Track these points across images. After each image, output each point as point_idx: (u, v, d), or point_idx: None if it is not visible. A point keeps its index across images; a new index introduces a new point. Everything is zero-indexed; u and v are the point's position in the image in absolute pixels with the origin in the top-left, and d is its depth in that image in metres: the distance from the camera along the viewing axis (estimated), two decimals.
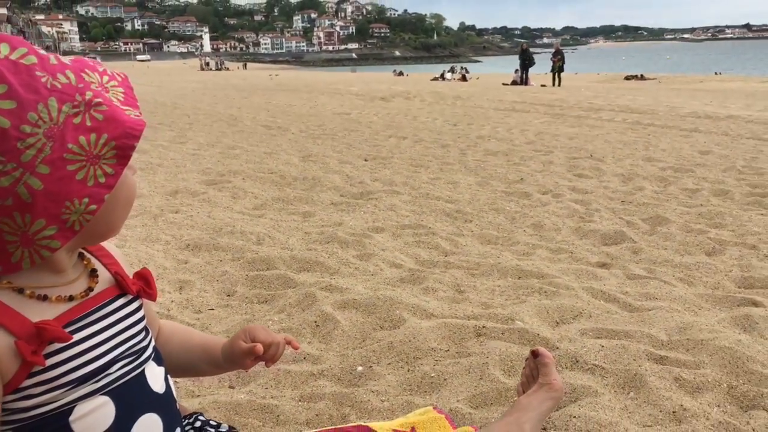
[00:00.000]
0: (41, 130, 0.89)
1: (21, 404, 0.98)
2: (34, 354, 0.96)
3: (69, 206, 0.93)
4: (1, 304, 0.97)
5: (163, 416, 1.11)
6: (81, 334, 1.02)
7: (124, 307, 1.10)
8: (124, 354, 1.07)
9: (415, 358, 2.36)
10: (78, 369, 1.00)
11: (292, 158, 7.11)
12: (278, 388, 2.18)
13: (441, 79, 33.70)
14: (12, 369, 0.96)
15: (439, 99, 16.26)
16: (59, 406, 1.00)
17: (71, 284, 1.05)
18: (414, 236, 4.07)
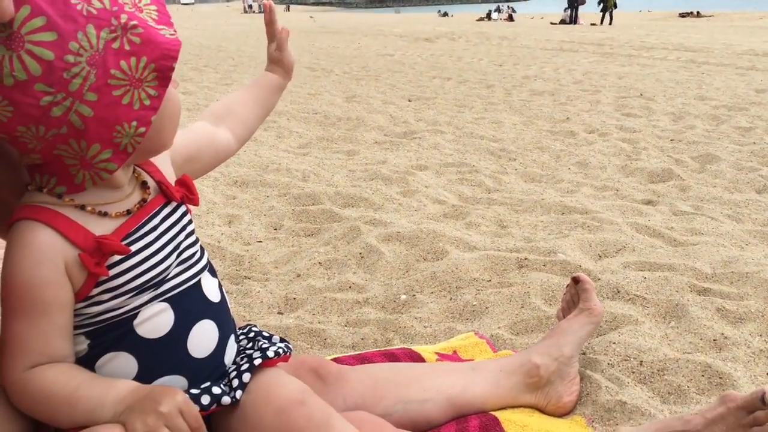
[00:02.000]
0: (84, 59, 0.91)
1: (91, 310, 1.07)
2: (98, 265, 1.03)
3: (120, 130, 0.97)
4: (67, 219, 1.04)
5: (218, 323, 1.18)
6: (138, 244, 1.08)
7: (171, 214, 1.15)
8: (178, 260, 1.14)
9: (457, 287, 2.41)
10: (139, 277, 1.07)
11: (336, 99, 7.12)
12: (324, 314, 2.27)
13: (487, 19, 32.94)
14: (80, 279, 1.03)
15: (485, 39, 15.94)
16: (125, 311, 1.08)
17: (128, 198, 1.11)
18: (457, 174, 4.08)
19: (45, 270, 1.01)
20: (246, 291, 2.45)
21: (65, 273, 1.02)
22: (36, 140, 0.95)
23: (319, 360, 1.51)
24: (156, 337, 1.09)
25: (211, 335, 1.16)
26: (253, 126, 1.53)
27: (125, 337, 1.08)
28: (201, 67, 10.53)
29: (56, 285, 1.02)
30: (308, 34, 19.32)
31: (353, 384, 1.47)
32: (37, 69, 0.89)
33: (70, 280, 1.03)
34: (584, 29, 21.11)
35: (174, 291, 1.12)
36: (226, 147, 1.44)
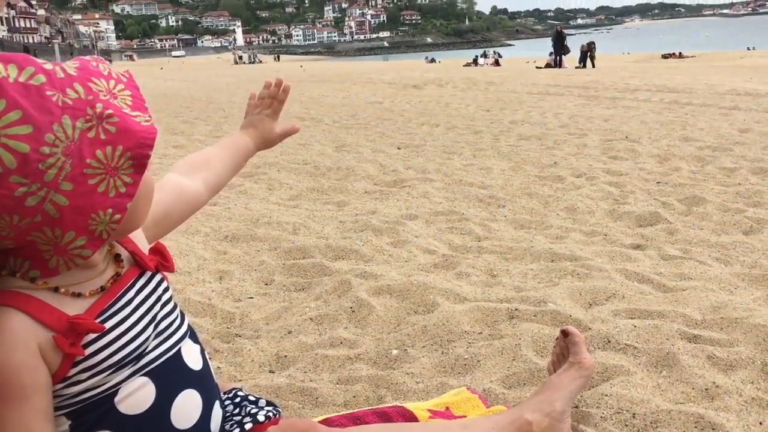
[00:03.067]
0: (59, 149, 0.91)
1: (70, 390, 1.06)
2: (72, 346, 1.03)
3: (95, 218, 0.97)
4: (39, 302, 1.04)
5: (201, 392, 1.17)
6: (113, 320, 1.08)
7: (146, 285, 1.15)
8: (156, 332, 1.14)
9: (448, 341, 2.41)
10: (117, 353, 1.07)
11: (325, 148, 7.19)
12: (316, 372, 2.26)
13: (474, 64, 33.48)
14: (56, 361, 1.03)
15: (472, 85, 16.18)
16: (105, 389, 1.08)
17: (101, 275, 1.11)
18: (447, 222, 4.10)
19: (19, 354, 1.00)
20: (237, 349, 2.43)
21: (40, 356, 1.02)
22: (9, 228, 0.94)
23: (309, 423, 1.49)
24: (138, 413, 1.08)
25: (195, 404, 1.16)
26: (224, 181, 1.56)
27: (107, 415, 1.07)
28: (192, 119, 10.63)
29: (32, 369, 1.01)
30: (298, 84, 19.56)
31: None
32: (12, 162, 0.89)
33: (45, 363, 1.02)
34: (569, 72, 21.48)
35: (153, 364, 1.12)
36: (196, 198, 1.44)
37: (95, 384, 1.07)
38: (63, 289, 1.06)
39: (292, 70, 32.28)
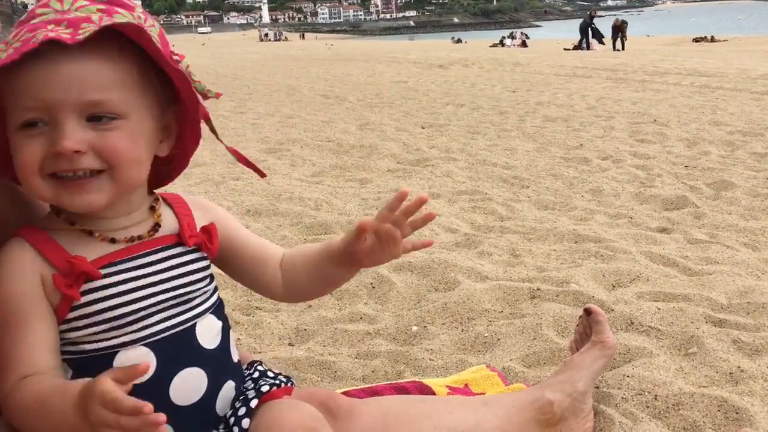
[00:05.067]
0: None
1: (71, 335, 1.07)
2: (69, 288, 1.03)
3: None
4: (52, 241, 1.06)
5: (209, 371, 1.13)
6: (119, 276, 1.07)
7: (176, 256, 1.14)
8: (167, 303, 1.11)
9: (469, 318, 2.40)
10: (112, 309, 1.06)
11: (349, 126, 7.16)
12: (335, 346, 2.26)
13: (500, 45, 33.14)
14: (55, 300, 1.05)
15: (498, 66, 16.01)
16: (103, 348, 1.07)
17: (138, 225, 1.12)
18: (470, 202, 4.07)
19: (22, 283, 1.04)
20: (257, 322, 2.44)
21: (42, 288, 1.05)
22: None
23: (328, 393, 1.48)
24: (135, 383, 1.06)
25: (198, 383, 1.12)
26: (302, 281, 1.30)
27: None
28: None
29: (33, 298, 1.04)
30: (323, 62, 19.51)
31: (364, 418, 1.44)
32: None
33: (47, 298, 1.05)
34: (597, 54, 21.17)
35: (158, 336, 1.09)
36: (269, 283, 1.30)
37: (93, 337, 1.06)
38: (98, 234, 1.07)
39: (317, 48, 32.21)
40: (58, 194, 1.02)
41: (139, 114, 1.04)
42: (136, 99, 1.03)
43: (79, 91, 0.97)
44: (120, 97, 1.01)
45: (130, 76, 1.03)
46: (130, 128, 1.02)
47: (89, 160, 0.99)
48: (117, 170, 1.02)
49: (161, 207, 1.18)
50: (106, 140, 0.99)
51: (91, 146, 0.98)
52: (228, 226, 1.25)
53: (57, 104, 0.97)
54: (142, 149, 1.05)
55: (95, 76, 0.99)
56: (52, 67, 0.97)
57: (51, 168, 0.99)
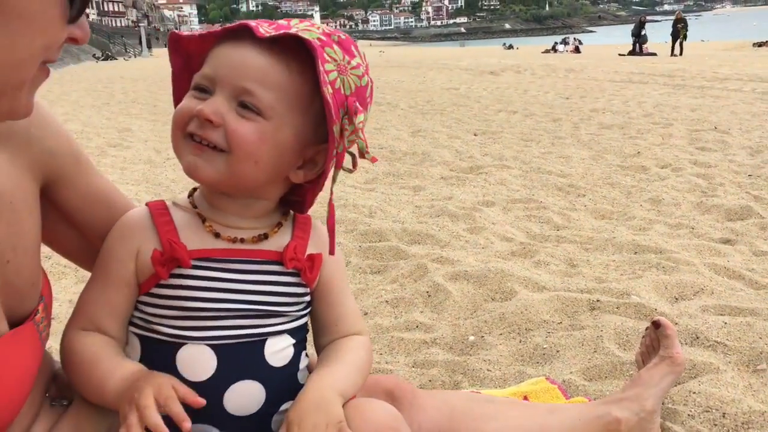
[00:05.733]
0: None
1: (147, 312, 1.10)
2: (161, 265, 1.07)
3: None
4: (171, 221, 1.11)
5: (269, 388, 1.12)
6: (206, 272, 1.09)
7: (271, 273, 1.13)
8: (243, 312, 1.10)
9: (527, 329, 2.37)
10: (189, 300, 1.08)
11: (401, 133, 7.18)
12: (392, 354, 2.25)
13: (553, 51, 32.78)
14: (146, 273, 1.09)
15: (551, 72, 15.83)
16: (171, 335, 1.08)
17: (242, 231, 1.12)
18: (525, 210, 4.03)
19: (120, 246, 1.11)
20: None
21: (134, 258, 1.09)
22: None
23: (395, 381, 1.45)
24: (193, 380, 1.07)
25: (254, 397, 1.11)
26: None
27: (166, 367, 1.08)
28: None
29: (123, 263, 1.10)
30: (374, 69, 19.49)
31: (429, 411, 1.42)
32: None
33: (138, 269, 1.10)
34: (653, 60, 20.72)
35: (224, 341, 1.09)
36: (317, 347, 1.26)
37: (164, 321, 1.09)
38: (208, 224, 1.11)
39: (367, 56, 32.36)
40: (182, 150, 1.06)
41: (280, 123, 1.05)
42: (285, 109, 1.05)
43: (241, 75, 1.02)
44: (272, 98, 1.03)
45: (293, 88, 1.05)
46: (264, 129, 1.04)
47: (216, 135, 1.02)
48: (233, 156, 1.03)
49: (287, 225, 1.18)
50: (237, 125, 1.02)
51: (225, 123, 1.02)
52: (334, 275, 1.21)
53: (220, 78, 1.03)
54: (265, 153, 1.05)
55: (261, 70, 1.03)
56: (234, 49, 1.05)
57: (190, 128, 1.05)
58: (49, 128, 1.09)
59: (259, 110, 1.03)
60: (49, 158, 1.08)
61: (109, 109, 10.34)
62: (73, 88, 14.85)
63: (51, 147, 1.09)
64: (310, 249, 1.18)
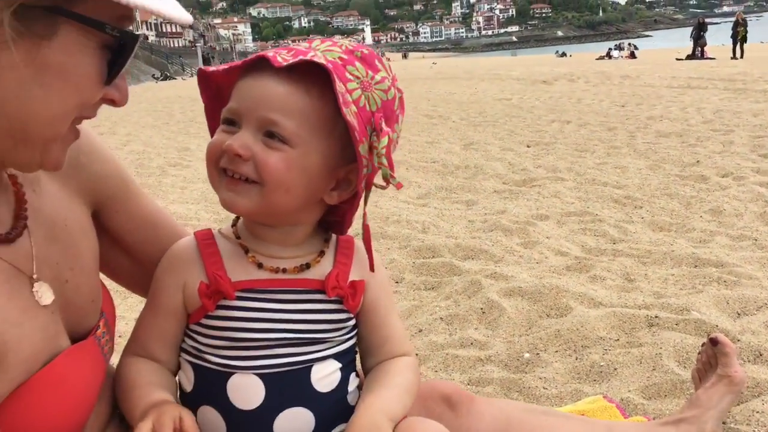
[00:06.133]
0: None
1: (198, 341, 1.13)
2: (208, 298, 1.10)
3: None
4: (217, 251, 1.14)
5: (318, 413, 1.13)
6: (250, 303, 1.11)
7: (314, 302, 1.15)
8: (288, 341, 1.12)
9: (583, 346, 2.35)
10: (235, 331, 1.11)
11: (453, 147, 7.18)
12: (447, 372, 2.27)
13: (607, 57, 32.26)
14: (194, 304, 1.13)
15: (605, 79, 15.58)
16: (221, 365, 1.11)
17: (285, 260, 1.14)
18: (580, 223, 3.99)
19: (168, 277, 1.14)
20: None
21: (181, 289, 1.13)
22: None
23: (452, 387, 1.44)
24: (243, 408, 1.10)
25: (304, 423, 1.13)
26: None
27: (218, 395, 1.11)
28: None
29: (171, 294, 1.14)
30: (425, 81, 19.66)
31: (486, 419, 1.41)
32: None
33: (185, 298, 1.13)
34: (713, 63, 20.17)
35: (271, 369, 1.11)
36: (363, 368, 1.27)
37: (214, 351, 1.12)
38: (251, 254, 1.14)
39: (419, 67, 32.47)
40: (218, 185, 1.10)
41: (307, 149, 1.07)
42: (310, 135, 1.07)
43: (263, 106, 1.05)
44: (295, 126, 1.05)
45: (315, 113, 1.06)
46: (291, 157, 1.05)
47: (247, 168, 1.05)
48: (265, 187, 1.06)
49: (329, 251, 1.19)
50: (266, 156, 1.04)
51: (253, 156, 1.04)
52: (379, 296, 1.22)
53: (245, 112, 1.06)
54: (296, 181, 1.07)
55: (281, 99, 1.05)
56: (255, 80, 1.07)
57: (222, 162, 1.08)
58: (96, 154, 1.15)
59: (285, 139, 1.05)
60: (97, 183, 1.15)
61: (169, 129, 10.67)
62: (133, 108, 15.36)
63: (99, 172, 1.15)
64: (353, 274, 1.19)
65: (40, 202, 1.03)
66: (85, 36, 0.79)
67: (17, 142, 0.82)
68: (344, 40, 1.16)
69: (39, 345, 0.95)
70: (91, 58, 0.81)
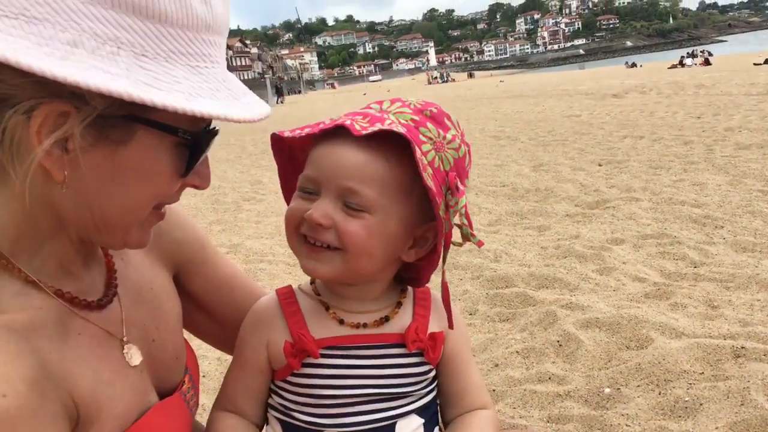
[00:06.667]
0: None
1: (285, 399, 1.16)
2: (293, 357, 1.13)
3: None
4: (299, 310, 1.16)
5: None
6: (334, 360, 1.13)
7: (396, 356, 1.16)
8: (372, 397, 1.14)
9: (666, 380, 2.28)
10: (321, 388, 1.13)
11: (522, 168, 7.12)
12: (525, 408, 2.24)
13: (680, 66, 31.35)
14: (280, 362, 1.15)
15: (679, 89, 15.15)
16: (308, 423, 1.14)
17: (365, 314, 1.16)
18: (657, 246, 3.88)
19: (253, 336, 1.17)
20: None
21: (265, 346, 1.16)
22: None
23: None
24: None
25: None
26: None
27: None
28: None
29: (256, 352, 1.17)
30: (491, 100, 19.59)
31: None
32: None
33: (270, 357, 1.16)
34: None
35: (357, 427, 1.13)
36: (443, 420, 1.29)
37: (301, 409, 1.14)
38: (332, 311, 1.15)
39: (485, 86, 32.36)
40: (298, 252, 1.12)
41: (387, 215, 1.08)
42: (389, 202, 1.08)
43: (344, 176, 1.07)
44: (375, 194, 1.07)
45: (394, 180, 1.08)
46: (372, 224, 1.07)
47: (329, 236, 1.07)
48: (348, 254, 1.08)
49: (406, 303, 1.20)
50: (347, 224, 1.06)
51: (334, 224, 1.07)
52: (457, 346, 1.22)
53: (324, 181, 1.08)
54: (376, 246, 1.09)
55: (362, 168, 1.07)
56: (333, 148, 1.09)
57: (303, 229, 1.10)
58: (175, 220, 1.22)
59: (365, 207, 1.06)
60: (177, 248, 1.22)
61: (242, 162, 10.99)
62: None
63: (178, 238, 1.22)
64: (432, 326, 1.19)
65: (127, 269, 1.11)
66: (160, 138, 0.83)
67: (100, 229, 0.89)
68: (412, 98, 1.18)
69: (130, 402, 1.02)
70: (167, 157, 0.86)
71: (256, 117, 0.87)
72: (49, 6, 0.70)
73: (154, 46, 0.75)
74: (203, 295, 1.28)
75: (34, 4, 0.70)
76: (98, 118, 0.77)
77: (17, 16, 0.70)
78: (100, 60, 0.72)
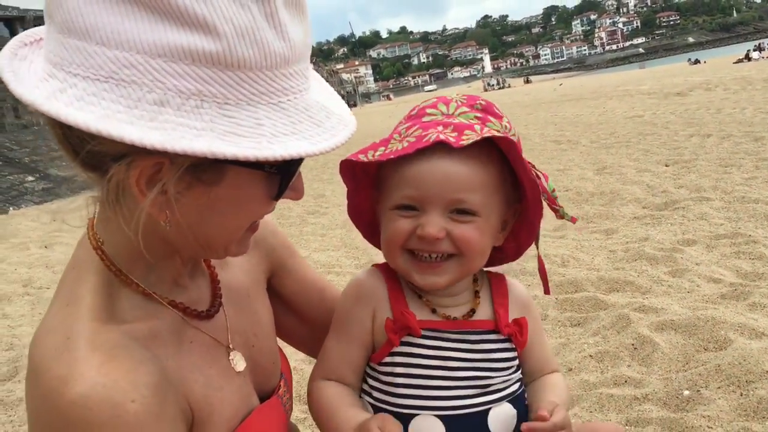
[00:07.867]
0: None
1: (381, 381, 1.19)
2: (394, 333, 1.16)
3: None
4: (398, 283, 1.21)
5: None
6: (434, 342, 1.17)
7: (490, 342, 1.20)
8: (467, 382, 1.17)
9: (747, 381, 2.23)
10: (420, 368, 1.16)
11: (586, 172, 7.02)
12: (603, 412, 2.23)
13: (746, 59, 30.32)
14: (381, 339, 1.18)
15: (747, 84, 14.66)
16: (402, 405, 1.16)
17: (448, 308, 1.21)
18: (732, 246, 3.78)
19: (358, 308, 1.20)
20: None
21: (371, 319, 1.19)
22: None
23: (615, 428, 1.38)
24: None
25: None
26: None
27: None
28: None
29: (361, 325, 1.20)
30: (549, 105, 19.36)
31: None
32: None
33: (374, 330, 1.19)
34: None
35: (451, 411, 1.16)
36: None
37: (397, 390, 1.17)
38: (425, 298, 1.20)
39: (542, 91, 31.99)
40: (409, 269, 1.17)
41: (490, 212, 1.15)
42: (490, 200, 1.14)
43: (452, 189, 1.12)
44: (481, 198, 1.13)
45: (492, 181, 1.14)
46: (481, 224, 1.13)
47: (445, 245, 1.13)
48: (465, 257, 1.14)
49: (483, 292, 1.25)
50: (461, 231, 1.12)
51: (448, 234, 1.12)
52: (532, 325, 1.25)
53: (431, 197, 1.13)
54: (486, 242, 1.15)
55: (467, 178, 1.12)
56: (435, 165, 1.13)
57: (412, 245, 1.15)
58: (268, 228, 1.29)
59: (473, 212, 1.12)
60: (271, 253, 1.29)
61: (304, 176, 10.80)
62: None
63: (272, 244, 1.30)
64: (512, 312, 1.24)
65: (228, 277, 1.18)
66: (250, 174, 0.88)
67: (203, 248, 0.97)
68: (453, 95, 1.22)
69: (237, 405, 1.09)
70: (259, 187, 0.91)
71: (332, 146, 0.90)
72: (136, 69, 0.74)
73: (236, 92, 0.78)
74: (294, 297, 1.36)
75: (122, 68, 0.73)
76: (190, 166, 0.82)
77: (107, 80, 0.74)
78: (185, 116, 0.76)
